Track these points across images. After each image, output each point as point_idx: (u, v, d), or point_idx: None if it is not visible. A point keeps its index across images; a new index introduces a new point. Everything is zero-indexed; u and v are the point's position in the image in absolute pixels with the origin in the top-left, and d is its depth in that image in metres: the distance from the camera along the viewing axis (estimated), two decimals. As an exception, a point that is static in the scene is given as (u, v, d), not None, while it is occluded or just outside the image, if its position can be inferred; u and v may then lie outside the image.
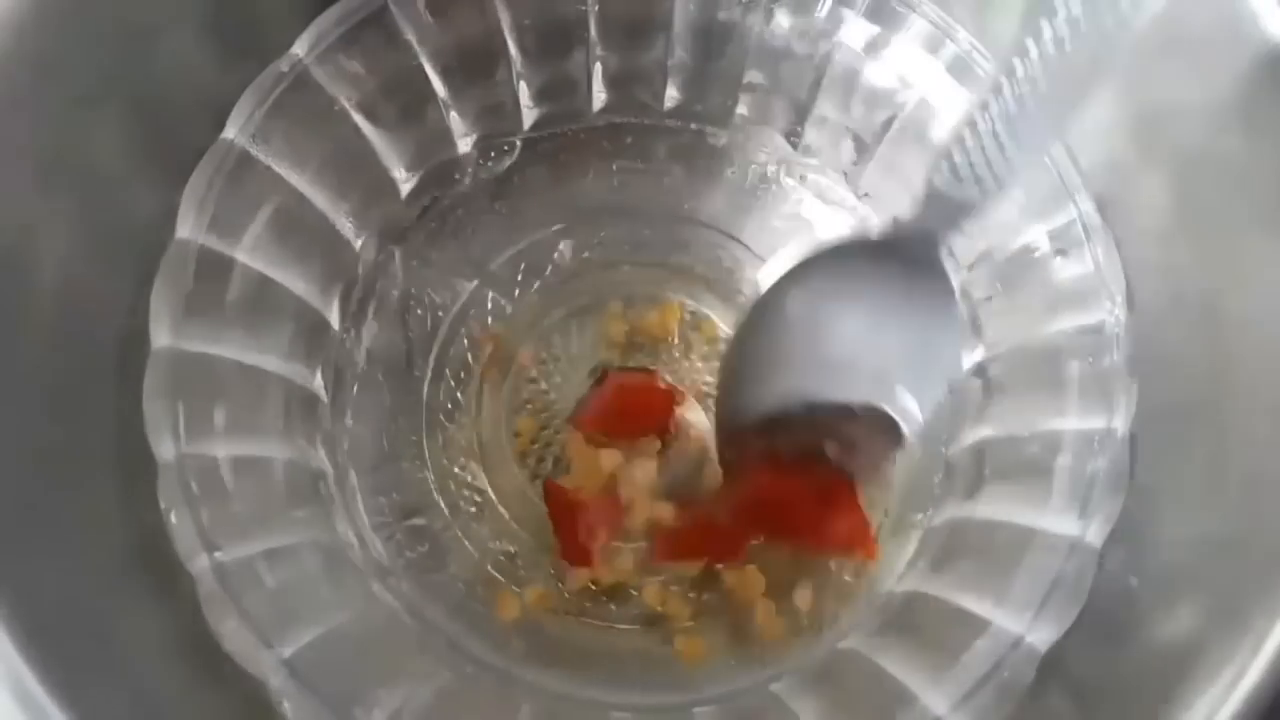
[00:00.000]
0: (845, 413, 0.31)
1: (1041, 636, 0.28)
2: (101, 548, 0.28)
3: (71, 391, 0.28)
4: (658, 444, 0.34)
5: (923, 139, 0.34)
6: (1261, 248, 0.27)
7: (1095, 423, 0.30)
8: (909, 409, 0.30)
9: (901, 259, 0.28)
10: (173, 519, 0.28)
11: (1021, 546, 0.29)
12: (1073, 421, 0.30)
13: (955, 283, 0.29)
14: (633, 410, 0.35)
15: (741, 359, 0.32)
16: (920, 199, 0.27)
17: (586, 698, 0.32)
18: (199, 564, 0.28)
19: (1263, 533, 0.25)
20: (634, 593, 0.35)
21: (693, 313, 0.38)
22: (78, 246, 0.29)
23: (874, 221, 0.37)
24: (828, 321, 0.30)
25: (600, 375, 0.37)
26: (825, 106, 0.36)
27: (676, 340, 0.37)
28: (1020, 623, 0.28)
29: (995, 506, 0.31)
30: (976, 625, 0.29)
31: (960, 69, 0.32)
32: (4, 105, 0.27)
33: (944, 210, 0.26)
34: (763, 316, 0.31)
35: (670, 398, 0.35)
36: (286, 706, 0.27)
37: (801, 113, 0.36)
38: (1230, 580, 0.25)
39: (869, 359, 0.30)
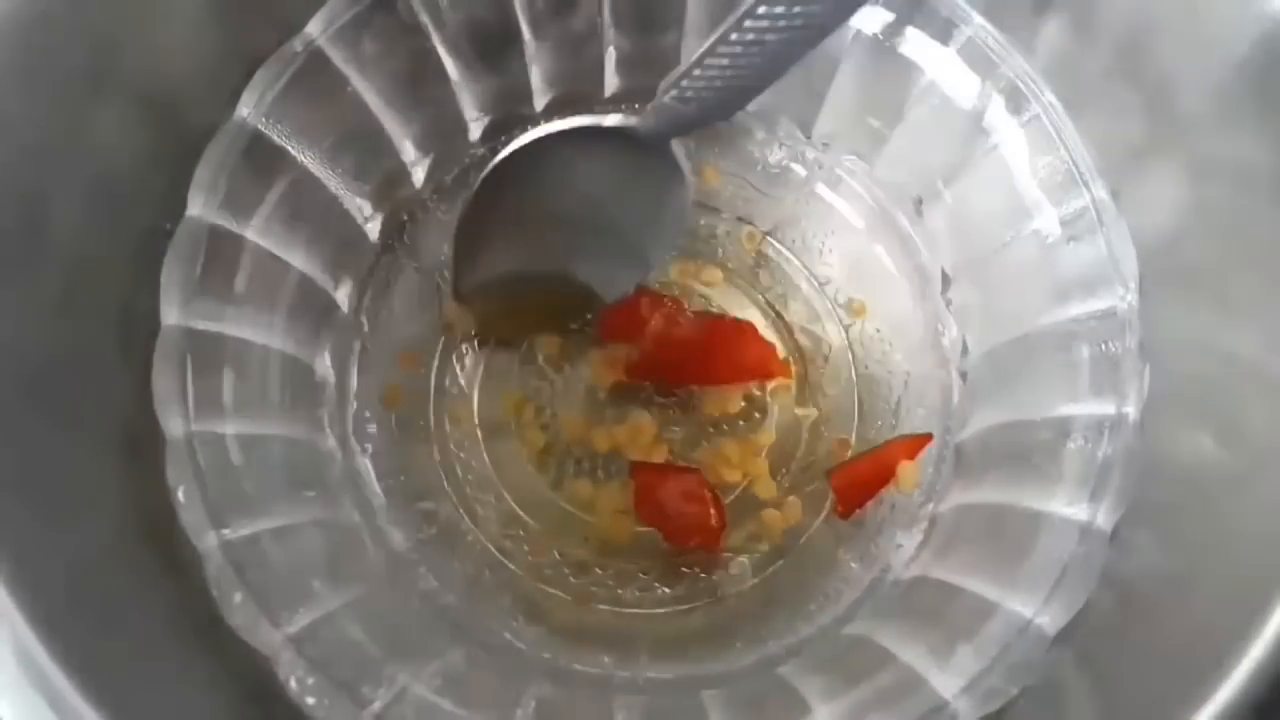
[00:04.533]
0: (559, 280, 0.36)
1: (1051, 620, 0.28)
2: (107, 526, 0.28)
3: (78, 369, 0.28)
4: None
5: (937, 125, 0.34)
6: (1272, 231, 0.27)
7: (1106, 408, 0.30)
8: (612, 289, 0.36)
9: (630, 143, 0.31)
10: (181, 496, 0.28)
11: (1032, 531, 0.29)
12: (1084, 406, 0.30)
13: (685, 166, 0.32)
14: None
15: (472, 227, 0.34)
16: (651, 111, 0.30)
17: (593, 679, 0.32)
18: (207, 541, 0.28)
19: (1269, 514, 0.25)
20: (641, 575, 0.35)
21: (703, 296, 0.38)
22: (86, 224, 0.29)
23: (888, 209, 0.38)
24: (554, 194, 0.33)
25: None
26: (839, 93, 0.36)
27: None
28: (1030, 606, 0.28)
29: (1005, 491, 0.31)
30: (986, 609, 0.29)
31: (973, 54, 0.32)
32: (13, 82, 0.27)
33: (672, 121, 0.30)
34: (495, 185, 0.33)
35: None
36: (293, 683, 0.27)
37: (815, 99, 0.36)
38: (1237, 562, 0.25)
39: (587, 235, 0.34)
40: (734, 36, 0.27)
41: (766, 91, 0.36)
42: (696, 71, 0.28)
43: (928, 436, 0.35)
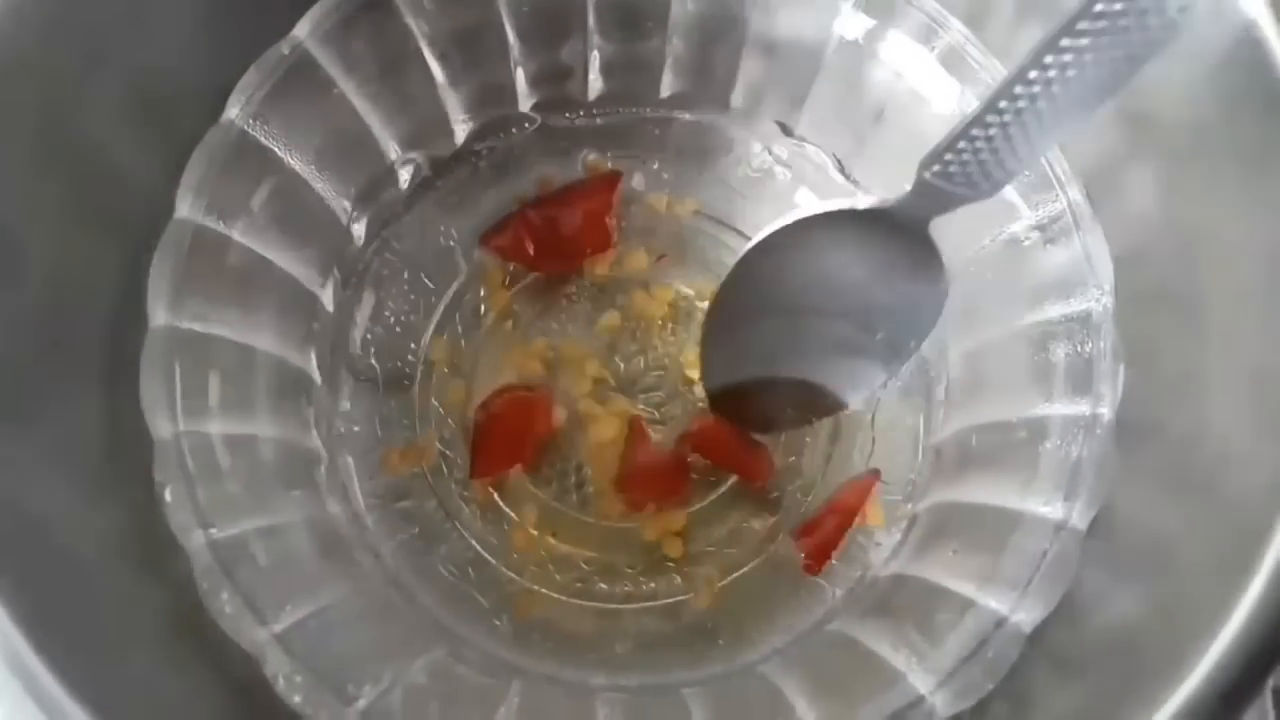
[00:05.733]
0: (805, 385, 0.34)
1: (1026, 617, 0.28)
2: (94, 527, 0.28)
3: (66, 369, 0.29)
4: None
5: (915, 129, 0.34)
6: (1242, 233, 0.27)
7: (1081, 408, 0.30)
8: (862, 388, 0.34)
9: (887, 227, 0.29)
10: (168, 496, 0.29)
11: (1008, 529, 0.30)
12: (1059, 407, 0.31)
13: (945, 250, 0.30)
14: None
15: (719, 325, 0.33)
16: (911, 190, 0.27)
17: (575, 678, 0.33)
18: (194, 540, 0.28)
19: (1232, 510, 0.26)
20: (628, 570, 0.35)
21: (686, 298, 0.38)
22: (73, 225, 0.29)
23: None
24: (805, 284, 0.31)
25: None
26: (820, 97, 0.36)
27: (668, 324, 0.38)
28: (1006, 603, 0.29)
29: (982, 490, 0.32)
30: (962, 606, 0.29)
31: (953, 60, 0.33)
32: (2, 83, 0.27)
33: (934, 199, 0.27)
34: (742, 279, 0.32)
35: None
36: (280, 681, 0.28)
37: (796, 103, 0.37)
38: (1205, 557, 0.26)
39: (837, 333, 0.32)
40: (1003, 104, 0.24)
41: (748, 97, 0.37)
42: (962, 144, 0.25)
43: (875, 475, 0.36)
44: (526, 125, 0.38)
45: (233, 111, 0.31)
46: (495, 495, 0.36)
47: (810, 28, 0.34)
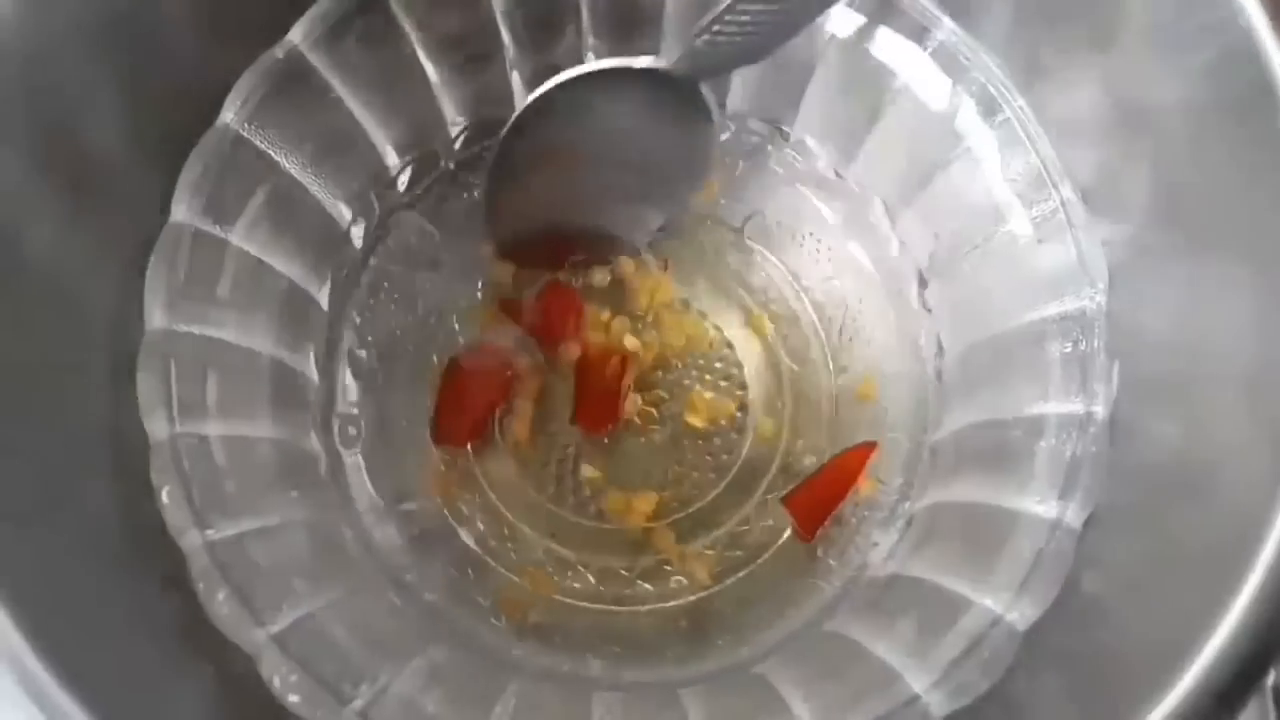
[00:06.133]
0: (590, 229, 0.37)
1: (1021, 616, 0.28)
2: (94, 530, 0.28)
3: (63, 373, 0.29)
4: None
5: (910, 127, 0.34)
6: (1235, 232, 0.27)
7: (1075, 407, 0.30)
8: (640, 231, 0.37)
9: (661, 86, 0.32)
10: (165, 497, 0.29)
11: (1004, 528, 0.30)
12: (1054, 406, 0.31)
13: (713, 107, 0.33)
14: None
15: (504, 175, 0.35)
16: (683, 53, 0.31)
17: (573, 677, 0.33)
18: (191, 541, 0.28)
19: (1226, 509, 0.26)
20: (624, 573, 0.35)
21: (684, 300, 0.38)
22: (70, 228, 0.29)
23: (864, 210, 0.38)
24: (584, 140, 0.34)
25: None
26: (815, 97, 0.36)
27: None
28: (1001, 602, 0.29)
29: (979, 490, 0.32)
30: (958, 605, 0.29)
31: (945, 57, 0.33)
32: (-1, 88, 0.27)
33: (703, 63, 0.31)
34: (526, 130, 0.34)
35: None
36: (276, 682, 0.28)
37: (792, 103, 0.37)
38: (1201, 554, 0.26)
39: (618, 180, 0.35)
40: None
41: (746, 94, 0.37)
42: (728, 16, 0.29)
43: (871, 445, 0.36)
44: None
45: (228, 115, 0.31)
46: (494, 497, 0.36)
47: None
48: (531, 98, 0.33)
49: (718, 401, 0.37)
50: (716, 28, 0.30)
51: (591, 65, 0.33)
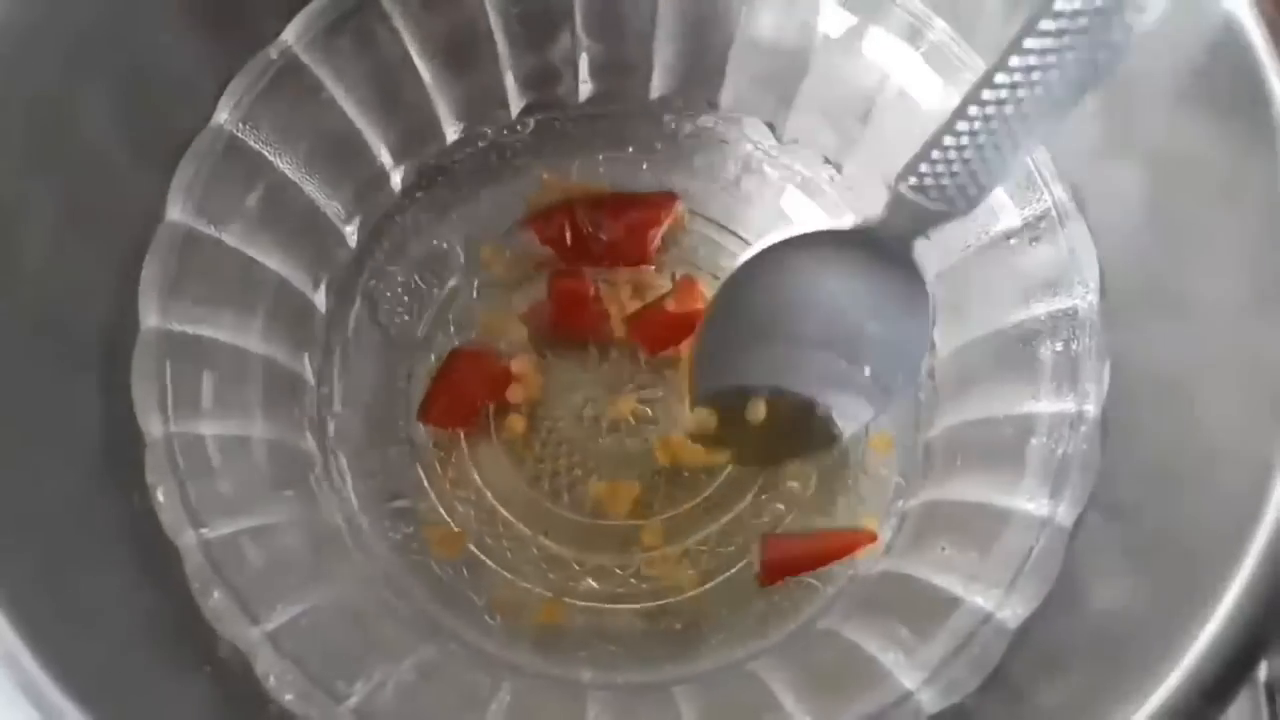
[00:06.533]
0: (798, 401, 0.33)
1: (1012, 613, 0.28)
2: (90, 530, 0.28)
3: (58, 372, 0.29)
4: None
5: (902, 128, 0.34)
6: (1226, 227, 0.27)
7: (1067, 406, 0.30)
8: (850, 421, 0.33)
9: (872, 251, 0.29)
10: (160, 496, 0.29)
11: (994, 526, 0.30)
12: (1045, 405, 0.31)
13: (929, 276, 0.30)
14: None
15: (711, 335, 0.33)
16: (887, 205, 0.27)
17: (567, 675, 0.33)
18: (186, 540, 0.29)
19: (1216, 506, 0.26)
20: (618, 571, 0.36)
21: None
22: (65, 228, 0.29)
23: (854, 209, 0.38)
24: (793, 309, 0.31)
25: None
26: (806, 97, 0.36)
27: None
28: (992, 600, 0.29)
29: (969, 488, 0.32)
30: (949, 602, 0.29)
31: (938, 59, 0.33)
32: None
33: (913, 216, 0.27)
34: (734, 294, 0.32)
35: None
36: (271, 679, 0.28)
37: (785, 102, 0.37)
38: (1188, 554, 0.26)
39: (828, 354, 0.32)
40: (973, 109, 0.24)
41: (737, 97, 0.38)
42: (935, 153, 0.25)
43: (871, 536, 0.34)
44: (517, 128, 0.38)
45: (222, 116, 0.31)
46: (489, 495, 0.36)
47: (795, 26, 0.34)
48: (738, 264, 0.31)
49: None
50: (923, 168, 0.25)
51: (794, 231, 0.30)
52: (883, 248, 0.28)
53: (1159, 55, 0.27)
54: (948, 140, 0.25)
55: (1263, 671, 0.32)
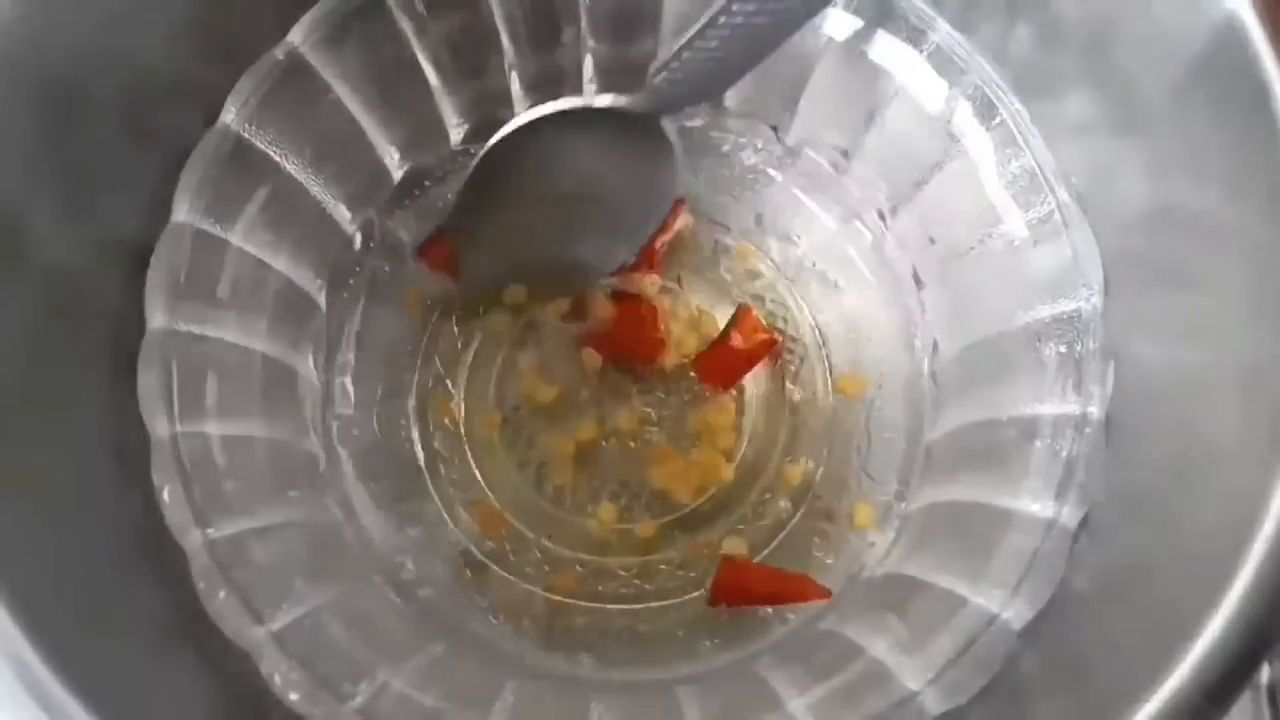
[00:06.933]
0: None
1: (1016, 614, 0.28)
2: (96, 530, 0.28)
3: (65, 372, 0.29)
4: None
5: (906, 130, 0.34)
6: (1229, 225, 0.27)
7: (1071, 407, 0.30)
8: (607, 265, 0.37)
9: (624, 122, 0.33)
10: (166, 496, 0.29)
11: (998, 528, 0.30)
12: (1049, 406, 0.31)
13: (675, 139, 0.34)
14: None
15: (477, 211, 0.36)
16: (643, 91, 0.32)
17: (571, 675, 0.33)
18: (192, 540, 0.29)
19: (1220, 508, 0.26)
20: (621, 572, 0.36)
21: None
22: (71, 228, 0.29)
23: (860, 212, 0.38)
24: (553, 178, 0.35)
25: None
26: (812, 99, 0.36)
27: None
28: (996, 601, 0.29)
29: (975, 489, 0.32)
30: (953, 604, 0.29)
31: (941, 61, 0.33)
32: (-1, 85, 0.27)
33: (662, 100, 0.33)
34: (493, 170, 0.35)
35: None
36: (276, 679, 0.28)
37: (788, 105, 0.37)
38: (1191, 554, 0.26)
39: (584, 215, 0.36)
40: (721, 20, 0.29)
41: (742, 96, 0.38)
42: (686, 54, 0.31)
43: (825, 593, 0.34)
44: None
45: (228, 116, 0.31)
46: (492, 497, 0.36)
47: (800, 29, 0.34)
48: (495, 139, 0.34)
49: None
50: (674, 64, 0.31)
51: (551, 106, 0.34)
52: (634, 120, 0.33)
53: (1160, 52, 0.28)
54: (698, 44, 0.30)
55: (1264, 674, 0.32)
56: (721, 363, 0.37)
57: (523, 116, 0.34)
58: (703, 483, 0.36)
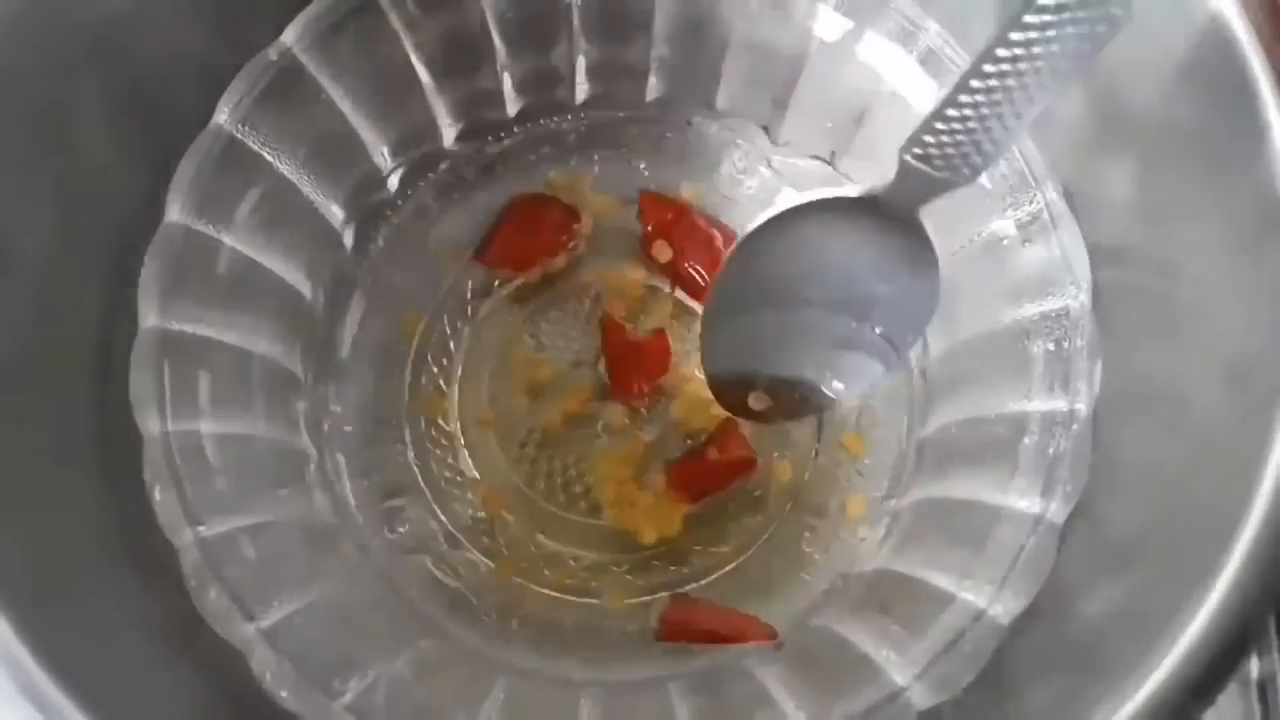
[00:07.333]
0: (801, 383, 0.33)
1: (1004, 610, 0.29)
2: (88, 527, 0.28)
3: (58, 370, 0.29)
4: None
5: (896, 131, 0.34)
6: (1216, 227, 0.27)
7: (1058, 404, 0.30)
8: (860, 382, 0.33)
9: (879, 217, 0.29)
10: (157, 494, 0.29)
11: (988, 524, 0.30)
12: (1037, 403, 0.31)
13: (934, 241, 0.30)
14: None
15: (718, 315, 0.33)
16: (896, 174, 0.28)
17: (560, 673, 0.33)
18: (183, 537, 0.29)
19: (1205, 504, 0.26)
20: (614, 568, 0.36)
21: (677, 300, 0.39)
22: (65, 228, 0.29)
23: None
24: (804, 273, 0.31)
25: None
26: (801, 99, 0.36)
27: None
28: (984, 597, 0.29)
29: (962, 486, 0.32)
30: (942, 600, 0.29)
31: (931, 62, 0.33)
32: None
33: (919, 184, 0.28)
34: (738, 270, 0.32)
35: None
36: (267, 676, 0.28)
37: (779, 105, 0.37)
38: (1175, 550, 0.26)
39: (840, 316, 0.32)
40: (975, 82, 0.25)
41: (733, 99, 0.38)
42: (939, 124, 0.26)
43: (772, 636, 0.33)
44: (514, 129, 0.39)
45: (221, 117, 0.32)
46: (486, 494, 0.37)
47: (790, 30, 0.34)
48: (745, 233, 0.31)
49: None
50: (927, 138, 0.26)
51: (800, 198, 0.30)
52: (889, 213, 0.29)
53: (1146, 51, 0.28)
54: (951, 112, 0.25)
55: (1254, 670, 0.32)
56: (693, 475, 0.36)
57: (771, 210, 0.30)
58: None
